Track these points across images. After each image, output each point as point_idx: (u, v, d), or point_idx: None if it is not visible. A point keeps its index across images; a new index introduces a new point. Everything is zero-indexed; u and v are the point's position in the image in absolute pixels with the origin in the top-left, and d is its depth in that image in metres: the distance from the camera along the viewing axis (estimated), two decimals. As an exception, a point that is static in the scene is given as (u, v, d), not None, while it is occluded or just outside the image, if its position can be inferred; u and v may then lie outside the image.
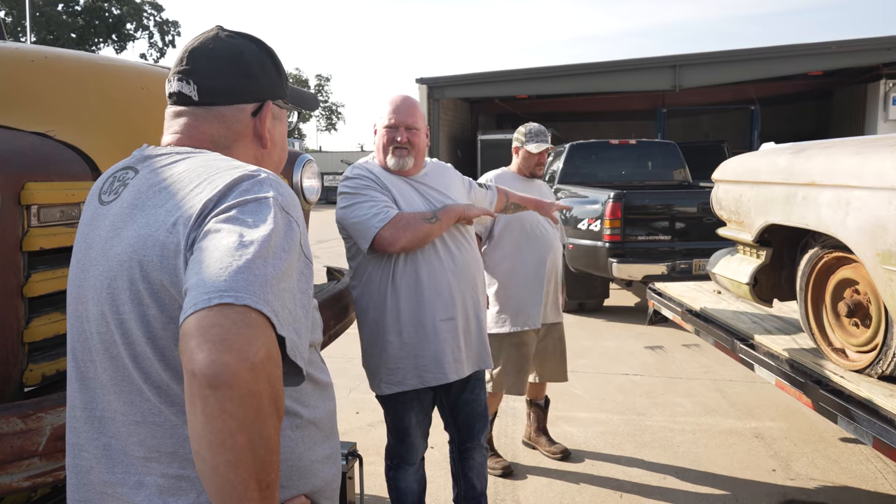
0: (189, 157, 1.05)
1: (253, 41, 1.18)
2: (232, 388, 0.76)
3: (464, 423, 2.50)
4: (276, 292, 0.85)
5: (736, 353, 3.02)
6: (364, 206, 2.22)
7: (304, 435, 1.08)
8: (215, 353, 0.76)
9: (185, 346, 0.78)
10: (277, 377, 0.82)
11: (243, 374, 0.77)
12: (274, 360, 0.81)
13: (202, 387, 0.76)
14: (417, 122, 2.33)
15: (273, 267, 0.86)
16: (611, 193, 6.21)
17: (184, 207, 0.94)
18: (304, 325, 0.93)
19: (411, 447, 2.43)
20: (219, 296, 0.79)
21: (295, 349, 0.87)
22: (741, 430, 3.94)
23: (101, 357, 1.00)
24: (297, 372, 0.90)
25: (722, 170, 3.18)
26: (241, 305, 0.80)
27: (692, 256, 6.12)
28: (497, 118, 20.26)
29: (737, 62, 14.15)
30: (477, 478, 2.57)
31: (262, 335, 0.80)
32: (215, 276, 0.82)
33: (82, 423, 1.03)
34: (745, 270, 2.90)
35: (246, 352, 0.77)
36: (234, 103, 1.12)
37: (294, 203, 0.98)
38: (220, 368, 0.76)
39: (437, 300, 2.27)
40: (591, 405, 4.40)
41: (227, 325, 0.78)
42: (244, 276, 0.82)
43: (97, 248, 1.02)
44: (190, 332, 0.78)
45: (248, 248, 0.85)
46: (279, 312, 0.84)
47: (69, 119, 1.80)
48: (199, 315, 0.79)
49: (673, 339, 5.96)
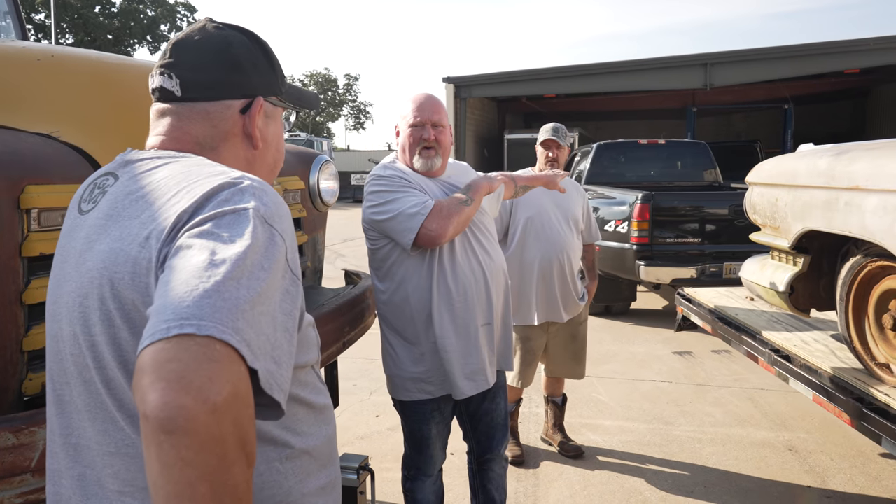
0: (171, 163, 0.96)
1: (244, 33, 1.09)
2: (189, 434, 0.66)
3: (483, 433, 2.42)
4: (249, 318, 0.75)
5: (770, 365, 2.88)
6: (402, 202, 2.11)
7: (296, 466, 0.99)
8: (170, 393, 0.66)
9: (138, 383, 0.69)
10: (246, 417, 0.71)
11: (203, 418, 0.66)
12: (242, 398, 0.71)
13: (156, 432, 0.66)
14: (443, 120, 2.24)
15: (247, 289, 0.76)
16: (638, 195, 6.06)
17: (158, 219, 0.85)
18: (287, 351, 0.82)
19: (429, 458, 2.34)
20: (179, 325, 0.69)
21: (271, 381, 0.77)
22: (774, 443, 3.78)
23: (75, 381, 0.92)
24: (276, 405, 0.80)
25: (757, 172, 3.04)
26: (204, 336, 0.69)
27: (723, 260, 5.94)
28: (525, 117, 20.11)
29: (770, 60, 13.79)
30: (496, 490, 2.49)
31: (227, 370, 0.70)
32: (178, 300, 0.72)
33: (60, 448, 0.96)
34: (781, 278, 2.76)
35: (206, 391, 0.67)
36: (219, 98, 1.03)
37: (281, 213, 0.88)
38: (175, 411, 0.66)
39: (478, 305, 2.20)
40: (616, 412, 4.27)
41: (186, 360, 0.68)
42: (210, 302, 0.72)
43: (71, 262, 0.95)
44: (143, 368, 0.69)
45: (219, 268, 0.75)
46: (252, 341, 0.74)
47: (75, 119, 1.75)
48: (155, 347, 0.69)
49: (702, 344, 5.79)
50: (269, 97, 1.09)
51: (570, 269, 3.43)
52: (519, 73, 15.86)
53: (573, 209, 3.49)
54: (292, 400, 0.99)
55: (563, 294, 3.42)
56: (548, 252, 3.37)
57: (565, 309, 3.45)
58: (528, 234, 3.38)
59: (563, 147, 3.47)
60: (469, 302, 2.18)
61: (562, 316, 3.44)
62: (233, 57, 1.04)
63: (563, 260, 3.39)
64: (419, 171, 2.23)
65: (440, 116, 2.23)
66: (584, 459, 3.59)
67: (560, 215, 3.43)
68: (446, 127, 2.25)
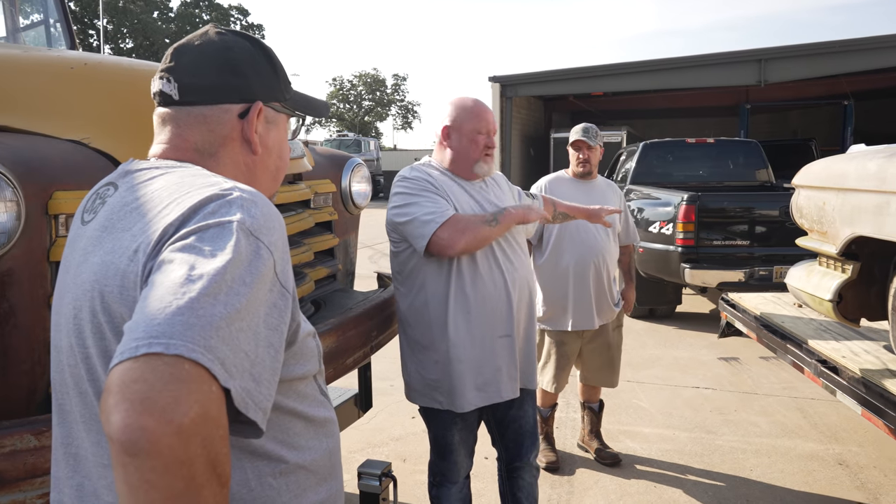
0: (168, 173, 0.96)
1: (247, 39, 1.08)
2: (152, 457, 0.65)
3: (512, 440, 2.40)
4: (224, 335, 0.73)
5: (817, 376, 2.74)
6: (420, 206, 2.12)
7: (291, 481, 0.97)
8: (132, 414, 0.65)
9: (104, 403, 0.68)
10: (217, 438, 0.69)
11: (166, 440, 0.65)
12: (212, 419, 0.69)
13: (119, 454, 0.66)
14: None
15: (224, 305, 0.74)
16: (684, 195, 5.89)
17: (147, 232, 0.85)
18: (270, 367, 0.80)
19: (454, 465, 2.32)
20: (147, 344, 0.68)
21: (248, 400, 0.75)
22: (823, 456, 3.62)
23: (72, 391, 0.93)
24: (256, 424, 0.78)
25: (804, 174, 2.90)
26: (172, 355, 0.68)
27: (773, 263, 5.72)
28: (571, 116, 19.86)
29: (829, 54, 13.25)
30: (526, 498, 2.45)
31: (196, 391, 0.68)
32: (150, 318, 0.71)
33: (61, 457, 0.97)
34: (828, 286, 2.63)
35: (171, 413, 0.65)
36: (216, 102, 1.02)
37: (269, 226, 0.86)
38: (137, 433, 0.64)
39: (496, 316, 2.18)
40: (657, 420, 4.16)
41: (152, 381, 0.66)
42: (183, 319, 0.70)
43: (70, 274, 0.95)
44: (110, 388, 0.68)
45: (195, 284, 0.73)
46: (227, 359, 0.72)
47: (105, 126, 1.78)
48: (122, 367, 0.68)
49: (749, 350, 5.60)
50: (271, 103, 1.08)
51: (606, 274, 3.38)
52: (565, 71, 15.67)
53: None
54: (289, 414, 0.98)
55: (597, 299, 3.36)
56: (583, 257, 3.32)
57: (599, 315, 3.39)
58: (562, 239, 3.35)
59: (593, 147, 3.42)
60: (487, 312, 2.16)
61: (594, 322, 3.37)
62: (231, 61, 1.03)
63: (599, 264, 3.34)
64: (479, 175, 2.25)
65: (495, 125, 2.31)
66: (621, 468, 3.50)
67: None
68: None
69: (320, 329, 2.04)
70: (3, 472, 1.34)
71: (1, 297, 1.49)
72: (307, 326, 1.02)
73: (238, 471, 0.93)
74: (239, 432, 0.79)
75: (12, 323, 1.51)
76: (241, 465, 0.93)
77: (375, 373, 2.88)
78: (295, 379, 0.99)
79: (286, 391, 0.97)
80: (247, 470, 0.94)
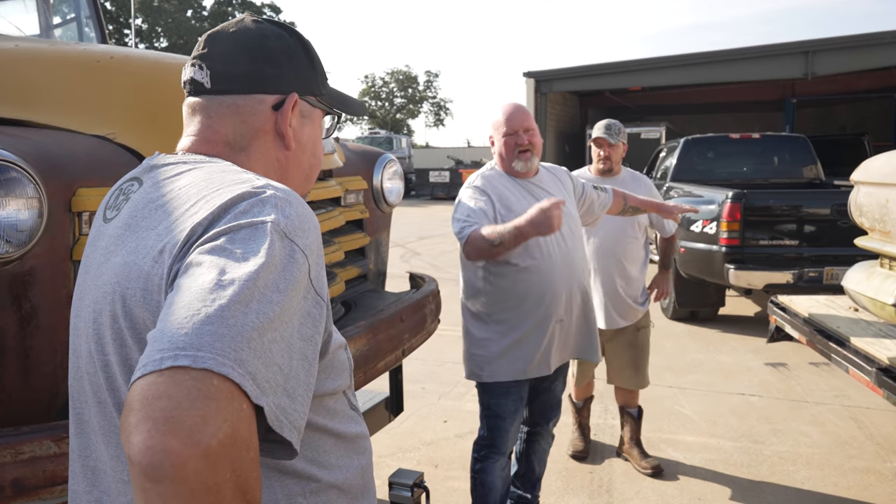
0: (196, 168, 0.90)
1: (284, 29, 1.02)
2: (177, 483, 0.58)
3: (538, 407, 2.63)
4: (257, 347, 0.66)
5: (877, 386, 2.57)
6: (457, 220, 2.35)
7: (322, 501, 0.91)
8: (156, 435, 0.59)
9: (124, 422, 0.61)
10: (247, 461, 0.63)
11: (193, 464, 0.58)
12: (242, 440, 0.62)
13: (140, 478, 0.59)
14: (532, 123, 2.48)
15: (257, 314, 0.67)
16: (728, 193, 5.67)
17: (173, 231, 0.79)
18: (304, 382, 0.73)
19: (504, 433, 2.46)
20: (173, 356, 0.62)
21: (282, 418, 0.68)
22: (880, 470, 3.42)
23: (91, 400, 0.87)
24: (289, 444, 0.71)
25: (864, 170, 2.73)
26: (200, 369, 0.62)
27: (823, 264, 5.47)
28: (608, 111, 19.58)
29: (880, 46, 12.74)
30: (538, 462, 2.73)
31: (225, 409, 0.61)
32: (177, 327, 0.64)
33: (79, 470, 0.91)
34: (891, 289, 2.46)
35: (199, 434, 0.59)
36: (250, 92, 0.96)
37: (305, 227, 0.79)
38: (161, 457, 0.58)
39: (553, 302, 2.37)
40: (701, 428, 3.99)
41: (178, 398, 0.60)
42: (212, 329, 0.64)
43: (92, 274, 0.90)
44: (131, 405, 0.61)
45: (226, 290, 0.67)
46: (259, 374, 0.66)
47: (131, 120, 1.74)
48: (145, 381, 0.62)
49: (799, 355, 5.37)
50: (307, 96, 1.02)
51: (620, 276, 3.39)
52: (601, 65, 15.41)
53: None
54: (319, 431, 0.92)
55: (614, 301, 3.38)
56: (600, 257, 3.36)
57: (611, 316, 3.40)
58: (587, 237, 3.37)
59: (615, 145, 3.40)
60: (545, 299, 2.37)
61: (633, 320, 3.40)
62: (267, 49, 0.98)
63: (618, 264, 3.37)
64: (520, 172, 2.46)
65: (530, 121, 2.48)
66: (662, 478, 3.36)
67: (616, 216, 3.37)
68: (536, 129, 2.49)
69: (350, 332, 1.97)
70: (23, 480, 1.30)
71: (23, 297, 1.45)
72: (339, 338, 0.96)
73: (267, 490, 0.87)
74: (270, 452, 0.73)
75: (34, 324, 1.47)
76: (271, 485, 0.87)
77: (406, 375, 2.81)
78: (325, 395, 0.92)
79: (316, 407, 0.91)
80: (276, 490, 0.88)
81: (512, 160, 2.44)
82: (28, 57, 1.83)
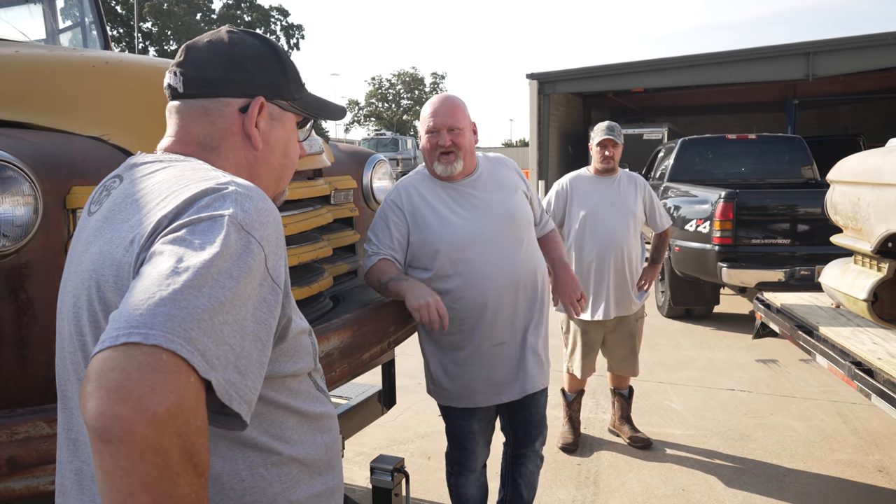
0: (171, 166, 0.98)
1: (257, 38, 1.10)
2: (126, 444, 0.66)
3: (519, 427, 2.43)
4: (207, 327, 0.74)
5: (850, 379, 2.64)
6: (367, 239, 2.27)
7: (283, 473, 0.98)
8: (107, 402, 0.66)
9: (82, 390, 0.69)
10: (194, 428, 0.70)
11: (140, 429, 0.66)
12: (188, 409, 0.69)
13: (95, 440, 0.67)
14: (460, 122, 2.17)
15: (209, 297, 0.75)
16: (721, 192, 5.74)
17: (143, 224, 0.87)
18: (257, 360, 0.81)
19: (471, 454, 2.36)
20: (127, 333, 0.69)
21: (231, 392, 0.75)
22: (862, 463, 3.48)
23: (72, 378, 0.96)
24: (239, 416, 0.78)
25: (838, 170, 2.80)
26: (151, 345, 0.69)
27: (815, 262, 5.53)
28: (611, 113, 19.58)
29: (882, 46, 12.70)
30: (526, 486, 2.48)
31: (172, 381, 0.69)
32: (133, 308, 0.72)
33: (63, 442, 1.00)
34: (863, 285, 2.53)
35: (146, 402, 0.66)
36: (216, 95, 1.05)
37: (263, 220, 0.87)
38: (112, 421, 0.66)
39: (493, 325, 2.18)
40: (689, 422, 4.07)
41: (129, 370, 0.68)
42: (164, 310, 0.71)
43: (74, 263, 0.98)
44: (89, 375, 0.69)
45: (181, 276, 0.74)
46: (208, 351, 0.73)
47: (125, 123, 1.82)
48: (102, 355, 0.69)
49: (789, 352, 5.42)
50: (276, 100, 1.09)
51: (628, 268, 3.52)
52: (605, 67, 15.42)
53: (629, 204, 3.55)
54: (282, 409, 0.99)
55: (616, 292, 3.51)
56: (604, 251, 3.49)
57: (617, 306, 3.53)
58: (584, 232, 3.52)
59: (618, 145, 3.57)
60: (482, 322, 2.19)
61: (609, 313, 3.52)
62: (235, 56, 1.06)
63: (620, 257, 3.49)
64: (441, 176, 2.22)
65: (456, 119, 2.16)
66: (648, 471, 3.44)
67: (615, 212, 3.52)
68: (465, 128, 2.18)
69: (336, 325, 2.05)
70: (18, 458, 1.38)
71: (19, 289, 1.54)
72: (302, 324, 1.03)
73: (229, 462, 0.94)
74: (224, 424, 0.80)
75: (30, 314, 1.56)
76: (233, 457, 0.94)
77: (404, 370, 2.88)
78: (287, 376, 0.99)
79: (278, 387, 0.98)
80: (238, 461, 0.95)
81: (432, 162, 2.20)
82: (27, 62, 1.93)
